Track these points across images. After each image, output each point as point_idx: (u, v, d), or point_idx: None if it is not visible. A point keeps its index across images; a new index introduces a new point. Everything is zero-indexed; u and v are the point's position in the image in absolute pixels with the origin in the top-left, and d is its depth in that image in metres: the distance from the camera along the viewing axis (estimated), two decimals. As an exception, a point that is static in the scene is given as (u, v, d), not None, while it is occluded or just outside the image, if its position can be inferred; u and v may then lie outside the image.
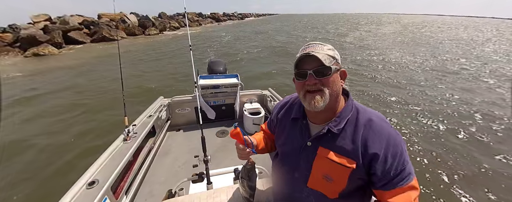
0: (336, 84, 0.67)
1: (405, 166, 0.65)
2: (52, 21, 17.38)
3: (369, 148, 0.65)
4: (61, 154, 3.45)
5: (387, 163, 0.64)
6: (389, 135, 0.66)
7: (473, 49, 13.29)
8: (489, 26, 39.38)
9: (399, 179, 0.64)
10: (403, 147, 0.66)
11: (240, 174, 0.91)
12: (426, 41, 17.31)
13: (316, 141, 0.73)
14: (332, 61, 0.66)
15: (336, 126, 0.69)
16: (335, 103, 0.71)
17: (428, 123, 4.38)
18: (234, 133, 0.81)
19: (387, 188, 0.66)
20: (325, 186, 0.72)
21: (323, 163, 0.71)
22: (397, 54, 11.66)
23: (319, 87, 0.66)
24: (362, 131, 0.67)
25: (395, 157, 0.64)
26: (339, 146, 0.69)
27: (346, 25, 35.97)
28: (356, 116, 0.70)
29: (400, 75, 7.75)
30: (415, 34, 22.40)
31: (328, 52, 0.66)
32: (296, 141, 0.79)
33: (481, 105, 5.21)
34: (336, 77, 0.68)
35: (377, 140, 0.65)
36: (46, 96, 6.19)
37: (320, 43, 0.69)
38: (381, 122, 0.68)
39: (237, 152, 0.85)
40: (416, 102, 5.41)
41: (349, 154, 0.67)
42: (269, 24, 40.91)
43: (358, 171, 0.67)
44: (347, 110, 0.71)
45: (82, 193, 1.25)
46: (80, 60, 10.88)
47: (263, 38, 19.58)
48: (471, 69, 8.54)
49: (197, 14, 46.51)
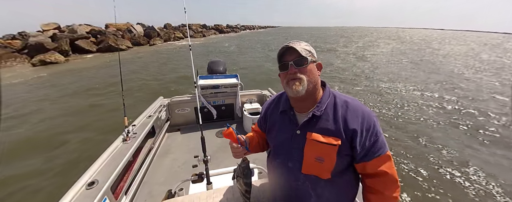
0: (313, 73, 0.78)
1: (378, 137, 0.76)
2: (61, 30, 17.94)
3: (349, 124, 0.75)
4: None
5: (363, 135, 0.75)
6: (363, 111, 0.77)
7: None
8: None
9: (376, 149, 0.76)
10: (375, 120, 0.77)
11: (236, 172, 0.94)
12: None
13: (304, 127, 0.81)
14: (308, 53, 0.77)
15: (318, 110, 0.79)
16: (315, 91, 0.81)
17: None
18: (226, 132, 0.86)
19: (367, 159, 0.77)
20: (318, 167, 0.80)
21: (313, 146, 0.79)
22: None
23: (298, 76, 0.76)
24: (340, 111, 0.78)
25: (369, 129, 0.75)
26: (324, 127, 0.78)
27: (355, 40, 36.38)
28: (334, 100, 0.81)
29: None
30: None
31: (304, 47, 0.78)
32: (286, 132, 0.86)
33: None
34: (313, 67, 0.79)
35: (354, 117, 0.76)
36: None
37: (297, 41, 0.81)
38: (355, 102, 0.80)
39: (232, 151, 0.92)
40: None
41: (333, 133, 0.77)
42: (269, 36, 41.88)
43: (343, 147, 0.76)
44: (325, 96, 0.82)
45: (82, 194, 1.25)
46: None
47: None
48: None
49: (201, 25, 47.81)
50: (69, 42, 15.56)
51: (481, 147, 3.98)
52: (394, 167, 0.78)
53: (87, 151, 3.56)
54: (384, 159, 0.77)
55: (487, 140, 4.22)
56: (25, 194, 2.72)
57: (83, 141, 3.95)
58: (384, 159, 0.77)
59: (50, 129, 4.50)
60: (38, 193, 2.72)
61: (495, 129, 4.68)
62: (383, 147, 0.76)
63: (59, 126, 4.65)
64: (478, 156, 3.68)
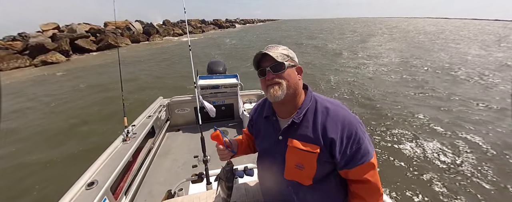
0: (292, 77, 0.76)
1: (361, 144, 0.72)
2: (60, 29, 17.91)
3: (328, 132, 0.73)
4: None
5: (343, 144, 0.72)
6: (344, 117, 0.74)
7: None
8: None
9: (358, 157, 0.73)
10: (358, 127, 0.73)
11: (219, 175, 0.93)
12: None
13: (285, 133, 0.81)
14: (286, 58, 0.76)
15: (297, 117, 0.78)
16: (295, 96, 0.79)
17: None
18: (213, 135, 0.87)
19: (348, 167, 0.75)
20: (299, 174, 0.79)
21: (293, 152, 0.78)
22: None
23: (277, 81, 0.75)
24: (320, 118, 0.76)
25: (350, 137, 0.72)
26: (303, 134, 0.77)
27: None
28: (315, 105, 0.79)
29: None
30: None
31: (281, 52, 0.77)
32: (270, 137, 0.87)
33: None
34: (292, 72, 0.77)
35: (333, 124, 0.73)
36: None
37: (276, 45, 0.81)
38: (336, 108, 0.77)
39: (218, 153, 0.93)
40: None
41: (312, 140, 0.75)
42: (271, 31, 41.06)
43: (323, 155, 0.74)
44: (306, 101, 0.80)
45: (82, 194, 1.25)
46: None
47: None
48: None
49: (200, 20, 47.29)
50: (69, 41, 15.55)
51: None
52: (377, 175, 0.77)
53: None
54: (367, 167, 0.74)
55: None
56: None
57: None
58: (366, 167, 0.74)
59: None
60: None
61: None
62: (366, 154, 0.73)
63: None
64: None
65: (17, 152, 3.75)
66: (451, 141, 3.92)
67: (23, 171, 3.20)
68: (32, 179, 3.04)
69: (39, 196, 2.74)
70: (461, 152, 3.60)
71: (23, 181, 3.02)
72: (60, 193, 1.24)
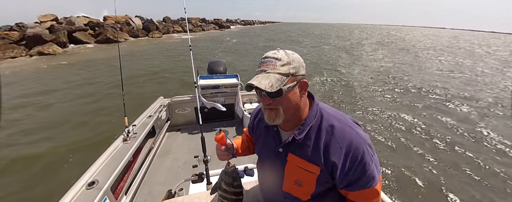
0: (292, 100, 0.67)
1: (366, 170, 0.65)
2: (59, 21, 17.63)
3: (330, 155, 0.67)
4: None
5: (345, 168, 0.66)
6: (351, 140, 0.66)
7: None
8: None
9: (361, 183, 0.67)
10: (365, 150, 0.65)
11: (222, 178, 0.86)
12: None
13: (286, 147, 0.76)
14: (285, 80, 0.63)
15: (299, 134, 0.71)
16: (296, 113, 0.71)
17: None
18: (218, 137, 0.84)
19: (350, 189, 0.69)
20: (297, 190, 0.76)
21: (292, 169, 0.75)
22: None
23: (273, 106, 0.67)
24: (324, 137, 0.69)
25: (355, 161, 0.65)
26: (305, 153, 0.71)
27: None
28: (320, 122, 0.71)
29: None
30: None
31: (280, 70, 0.63)
32: (270, 147, 0.82)
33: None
34: (293, 94, 0.67)
35: (338, 146, 0.66)
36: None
37: (274, 57, 0.64)
38: (343, 127, 0.69)
39: (217, 153, 0.91)
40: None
41: (313, 160, 0.70)
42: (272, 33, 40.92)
43: (323, 176, 0.70)
44: (311, 117, 0.72)
45: (82, 194, 1.25)
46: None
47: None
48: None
49: (200, 19, 47.08)
50: (67, 34, 15.35)
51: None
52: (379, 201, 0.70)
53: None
54: (369, 193, 0.68)
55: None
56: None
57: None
58: (368, 193, 0.68)
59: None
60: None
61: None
62: (371, 180, 0.66)
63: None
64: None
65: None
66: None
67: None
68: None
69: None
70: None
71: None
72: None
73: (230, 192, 0.85)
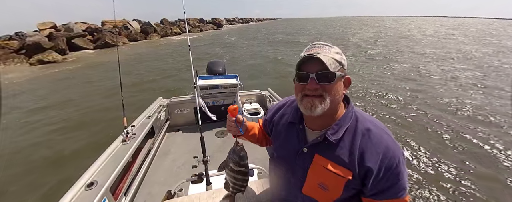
0: (339, 92, 0.64)
1: (398, 180, 0.63)
2: (57, 29, 17.72)
3: (366, 160, 0.63)
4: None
5: (379, 175, 0.63)
6: (387, 146, 0.63)
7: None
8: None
9: (392, 192, 0.64)
10: (400, 158, 0.64)
11: (230, 157, 0.82)
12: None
13: (313, 147, 0.71)
14: (338, 66, 0.61)
15: (333, 135, 0.66)
16: (334, 110, 0.68)
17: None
18: (231, 108, 0.80)
19: (376, 198, 0.66)
20: (320, 194, 0.71)
21: (318, 171, 0.69)
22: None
23: (320, 93, 0.62)
24: (359, 140, 0.65)
25: (389, 169, 0.62)
26: (336, 155, 0.66)
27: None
28: (355, 125, 0.67)
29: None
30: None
31: (334, 56, 0.62)
32: (292, 146, 0.77)
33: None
34: (340, 85, 0.64)
35: (374, 151, 0.63)
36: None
37: (327, 44, 0.64)
38: (380, 132, 0.66)
39: (227, 123, 0.85)
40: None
41: (345, 164, 0.65)
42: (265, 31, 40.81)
43: (353, 181, 0.65)
44: (346, 118, 0.68)
45: (81, 195, 1.25)
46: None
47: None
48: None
49: (198, 19, 47.11)
50: (66, 40, 15.42)
51: None
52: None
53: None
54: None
55: None
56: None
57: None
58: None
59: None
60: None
61: None
62: (402, 191, 0.64)
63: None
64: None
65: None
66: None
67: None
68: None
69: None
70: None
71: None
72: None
73: (237, 171, 0.82)
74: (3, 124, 4.55)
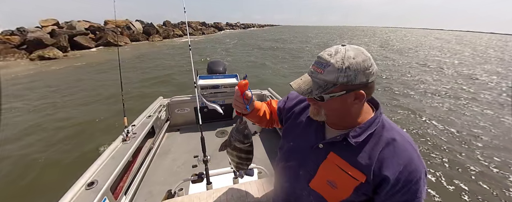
0: (336, 107, 0.62)
1: (415, 198, 0.60)
2: (60, 26, 17.78)
3: (384, 167, 0.60)
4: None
5: (396, 187, 0.59)
6: (411, 159, 0.60)
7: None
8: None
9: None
10: (422, 177, 0.60)
11: (232, 135, 0.80)
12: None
13: (329, 145, 0.69)
14: (330, 87, 0.57)
15: (355, 137, 0.63)
16: (344, 118, 0.66)
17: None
18: (242, 83, 0.76)
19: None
20: (327, 191, 0.70)
21: (330, 168, 0.68)
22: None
23: (317, 106, 0.65)
24: (382, 147, 0.62)
25: (408, 183, 0.59)
26: (353, 157, 0.64)
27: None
28: (381, 132, 0.64)
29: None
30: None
31: (325, 78, 0.56)
32: (308, 140, 0.75)
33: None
34: (338, 102, 0.60)
35: (395, 162, 0.59)
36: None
37: (327, 61, 0.56)
38: (406, 144, 0.62)
39: (234, 99, 0.81)
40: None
41: (361, 168, 0.63)
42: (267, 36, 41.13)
43: (365, 186, 0.63)
44: (371, 123, 0.64)
45: (82, 194, 1.25)
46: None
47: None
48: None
49: (200, 23, 47.52)
50: (68, 38, 15.45)
51: None
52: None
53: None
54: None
55: None
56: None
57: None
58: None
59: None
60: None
61: None
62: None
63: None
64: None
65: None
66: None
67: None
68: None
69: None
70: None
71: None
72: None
73: (240, 149, 0.80)
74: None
